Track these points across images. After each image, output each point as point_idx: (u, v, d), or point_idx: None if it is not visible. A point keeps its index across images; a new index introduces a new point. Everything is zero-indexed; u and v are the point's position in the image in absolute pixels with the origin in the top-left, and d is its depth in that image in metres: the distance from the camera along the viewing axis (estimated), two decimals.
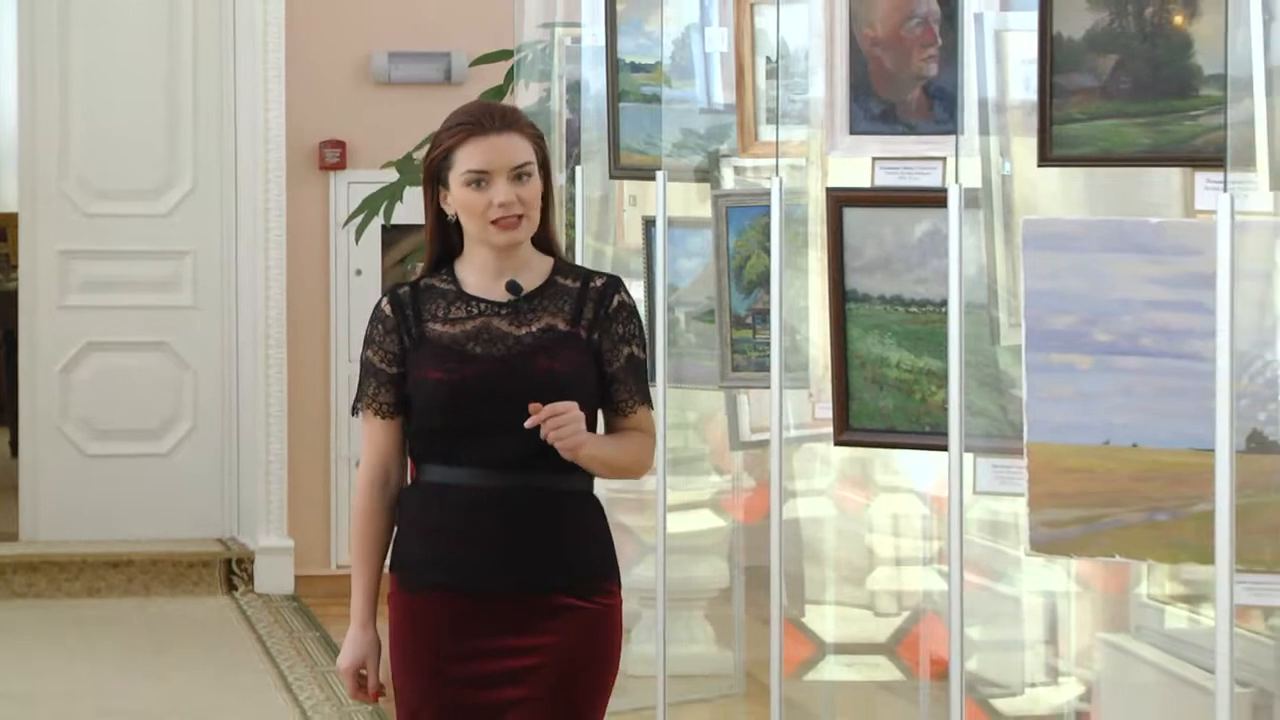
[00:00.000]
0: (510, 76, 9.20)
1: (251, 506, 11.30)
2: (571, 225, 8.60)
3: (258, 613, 10.77)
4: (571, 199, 8.55)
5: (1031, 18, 5.03)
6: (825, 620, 8.05)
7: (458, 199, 4.68)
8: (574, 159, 8.38)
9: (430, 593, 4.75)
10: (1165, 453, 4.74)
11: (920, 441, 5.66)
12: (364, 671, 4.82)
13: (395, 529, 4.83)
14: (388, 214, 9.81)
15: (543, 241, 4.81)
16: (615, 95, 7.60)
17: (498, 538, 4.69)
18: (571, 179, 8.52)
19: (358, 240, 10.60)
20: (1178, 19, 4.88)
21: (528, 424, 4.56)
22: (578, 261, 8.46)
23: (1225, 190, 4.49)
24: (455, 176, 4.66)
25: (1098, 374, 4.80)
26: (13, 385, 12.49)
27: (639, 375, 4.82)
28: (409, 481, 4.88)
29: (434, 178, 4.73)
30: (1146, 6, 4.89)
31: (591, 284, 4.80)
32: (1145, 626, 7.83)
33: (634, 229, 7.60)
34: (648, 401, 4.87)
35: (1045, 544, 4.94)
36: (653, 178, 6.84)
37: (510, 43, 9.30)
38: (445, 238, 4.80)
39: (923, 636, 7.67)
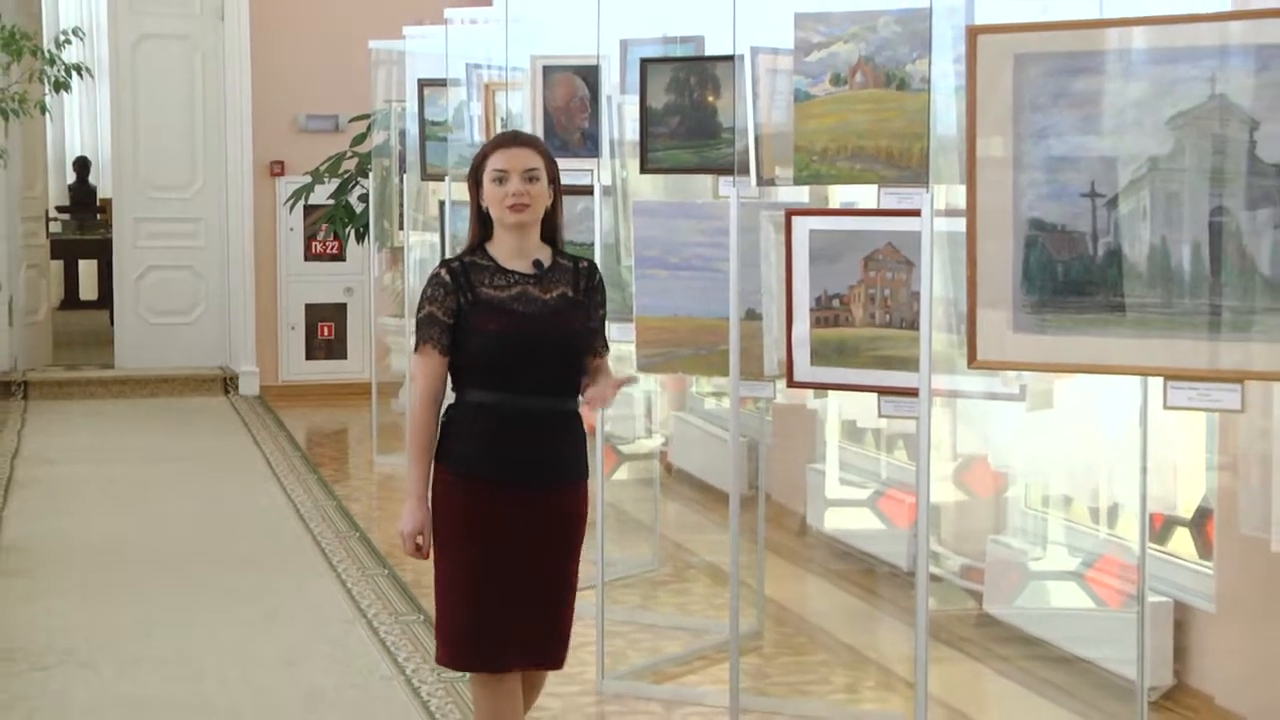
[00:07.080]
0: (370, 128, 9.05)
1: (237, 349, 11.01)
2: (400, 205, 8.44)
3: (240, 405, 10.55)
4: (401, 192, 8.38)
5: (636, 98, 5.00)
6: None
7: (486, 192, 3.61)
8: (403, 170, 8.22)
9: (480, 479, 3.58)
10: (704, 319, 4.74)
11: None
12: (420, 536, 3.61)
13: (439, 435, 3.66)
14: (305, 199, 9.84)
15: (548, 235, 3.69)
16: (423, 137, 7.49)
17: (529, 441, 3.60)
18: (401, 181, 8.35)
19: (290, 212, 10.50)
20: (710, 98, 4.85)
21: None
22: (406, 223, 8.30)
23: (734, 186, 4.51)
24: (486, 175, 3.60)
25: (670, 280, 4.78)
26: (109, 288, 12.12)
27: (604, 329, 3.78)
28: (452, 402, 3.68)
29: (475, 179, 3.65)
30: (694, 92, 4.86)
31: (580, 265, 3.70)
32: (695, 408, 7.90)
33: (433, 206, 7.47)
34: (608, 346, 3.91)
35: (645, 366, 4.93)
36: (443, 179, 6.70)
37: (368, 109, 9.17)
38: (483, 225, 3.66)
39: (584, 414, 7.66)
